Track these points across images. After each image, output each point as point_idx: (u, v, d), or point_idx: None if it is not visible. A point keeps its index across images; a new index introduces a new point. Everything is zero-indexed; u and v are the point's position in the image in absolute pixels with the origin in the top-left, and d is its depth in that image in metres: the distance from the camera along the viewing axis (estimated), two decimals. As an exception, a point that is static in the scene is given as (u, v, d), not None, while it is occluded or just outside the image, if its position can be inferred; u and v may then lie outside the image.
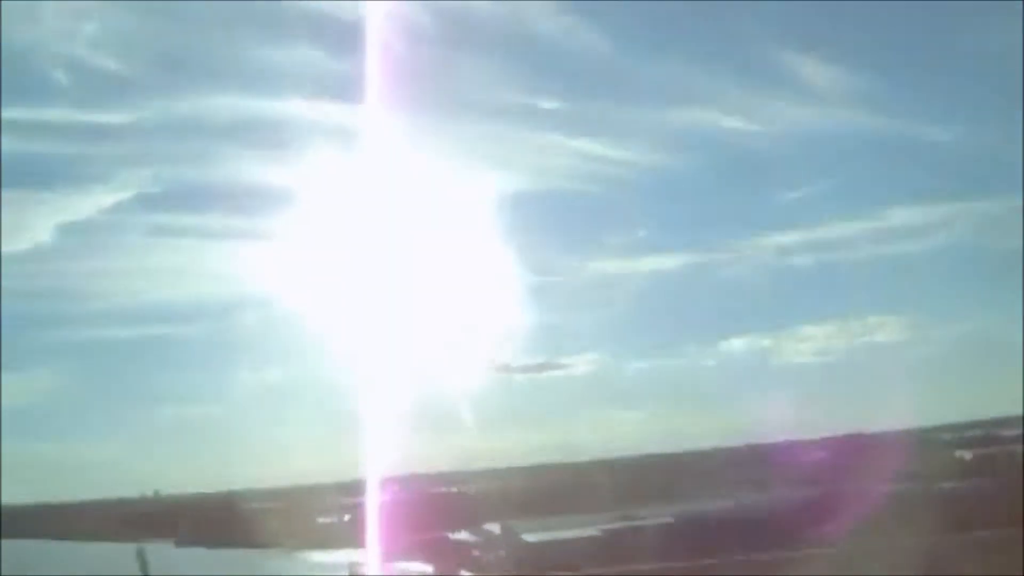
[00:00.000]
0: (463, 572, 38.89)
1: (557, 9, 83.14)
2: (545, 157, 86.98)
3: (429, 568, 39.69)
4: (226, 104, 79.94)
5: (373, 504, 60.26)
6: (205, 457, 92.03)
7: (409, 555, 42.06)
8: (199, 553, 53.43)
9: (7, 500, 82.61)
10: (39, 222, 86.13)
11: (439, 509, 54.48)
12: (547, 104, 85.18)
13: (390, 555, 42.57)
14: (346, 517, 58.58)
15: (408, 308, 57.62)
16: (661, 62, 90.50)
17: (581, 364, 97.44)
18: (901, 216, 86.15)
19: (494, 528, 43.56)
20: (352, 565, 44.39)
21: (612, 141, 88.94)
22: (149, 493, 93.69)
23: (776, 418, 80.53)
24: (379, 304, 51.27)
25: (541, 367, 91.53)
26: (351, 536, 52.27)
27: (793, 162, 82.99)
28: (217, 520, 63.16)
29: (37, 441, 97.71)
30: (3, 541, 74.50)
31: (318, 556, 51.29)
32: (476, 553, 40.74)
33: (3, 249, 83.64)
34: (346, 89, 39.96)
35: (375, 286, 52.54)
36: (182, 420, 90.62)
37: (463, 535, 44.31)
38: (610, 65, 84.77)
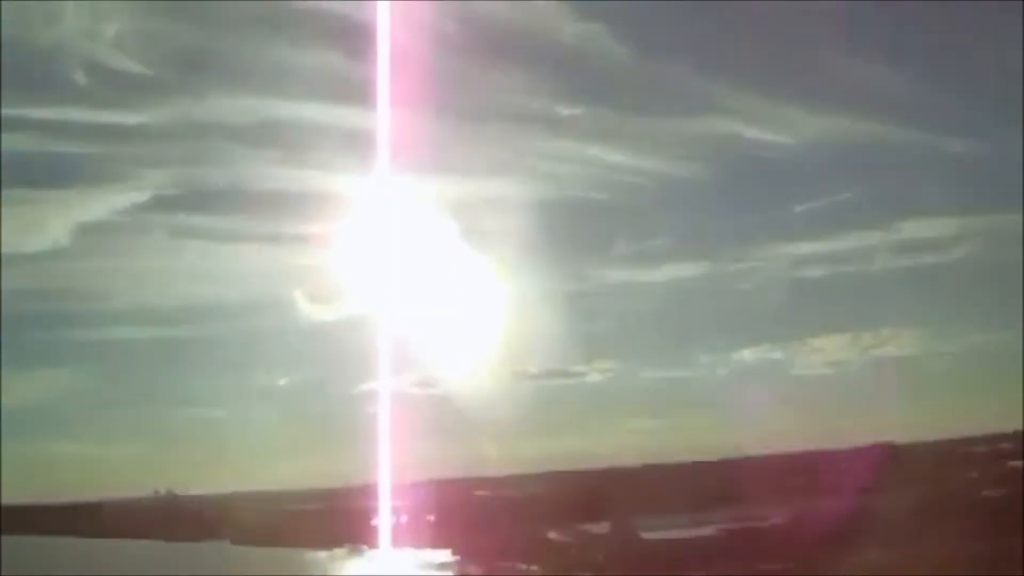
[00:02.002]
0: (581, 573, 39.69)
1: (578, 15, 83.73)
2: (563, 164, 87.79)
3: (535, 568, 40.67)
4: (245, 106, 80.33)
5: (451, 504, 61.78)
6: (221, 458, 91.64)
7: (506, 555, 43.08)
8: (264, 553, 53.83)
9: (23, 499, 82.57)
10: (56, 222, 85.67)
11: (501, 510, 55.81)
12: (566, 111, 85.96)
13: (487, 554, 43.73)
14: (403, 518, 59.59)
15: (423, 314, 59.01)
16: (681, 70, 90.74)
17: (594, 372, 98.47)
18: (917, 228, 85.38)
19: (591, 527, 45.07)
20: (449, 565, 45.54)
21: (630, 149, 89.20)
22: (162, 492, 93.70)
23: (788, 428, 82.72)
24: (395, 309, 52.73)
25: (554, 375, 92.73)
26: (416, 536, 53.60)
27: (810, 172, 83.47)
28: (265, 520, 63.94)
29: (50, 441, 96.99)
30: (21, 537, 74.88)
31: (389, 555, 51.49)
32: (574, 552, 42.06)
33: (20, 249, 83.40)
34: (365, 93, 40.55)
35: (391, 291, 53.99)
36: (198, 421, 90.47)
37: (554, 535, 45.64)
38: (630, 72, 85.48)
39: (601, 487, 61.27)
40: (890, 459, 63.06)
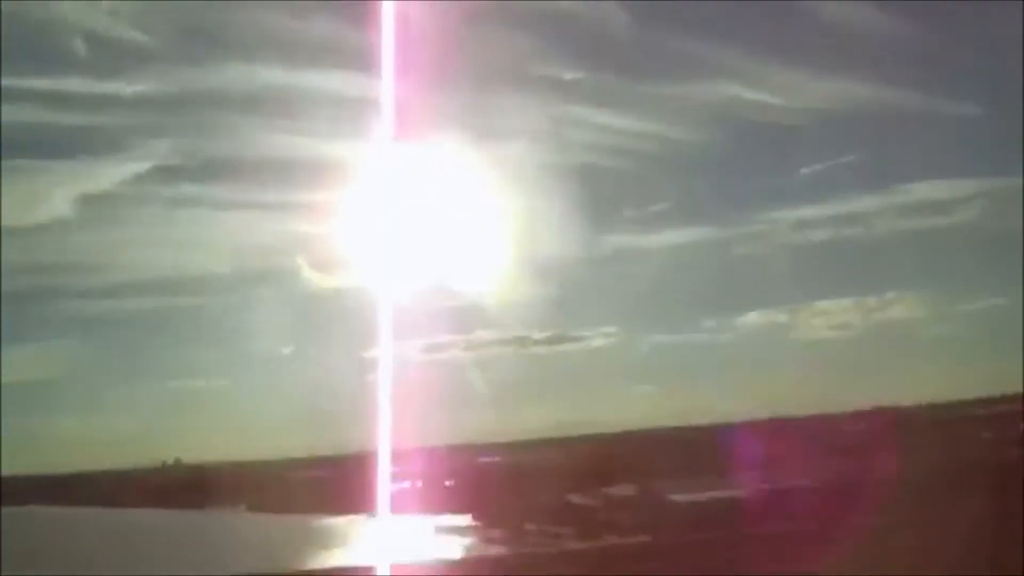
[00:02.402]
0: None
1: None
2: (566, 129, 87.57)
3: (567, 530, 40.72)
4: (245, 75, 79.82)
5: (463, 470, 61.72)
6: (222, 428, 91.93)
7: (530, 519, 43.15)
8: (280, 520, 53.85)
9: (28, 470, 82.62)
10: (58, 193, 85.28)
11: (516, 475, 56.00)
12: (569, 76, 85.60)
13: (509, 519, 43.79)
14: (418, 484, 59.74)
15: (425, 280, 58.90)
16: (684, 35, 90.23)
17: (598, 338, 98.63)
18: (921, 192, 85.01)
19: (615, 491, 45.20)
20: (471, 529, 45.66)
21: (633, 114, 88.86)
22: (170, 462, 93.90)
23: (793, 392, 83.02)
24: (397, 275, 52.49)
25: (558, 340, 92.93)
26: (433, 502, 53.58)
27: (814, 136, 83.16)
28: (278, 488, 64.24)
29: (54, 413, 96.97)
30: (30, 507, 74.92)
31: (409, 521, 51.43)
32: (600, 515, 42.21)
33: (20, 221, 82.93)
34: (366, 60, 40.02)
35: (393, 257, 53.79)
36: (198, 391, 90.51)
37: (578, 499, 45.77)
38: (633, 38, 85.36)
39: (613, 452, 61.64)
40: (899, 422, 63.54)
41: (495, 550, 35.85)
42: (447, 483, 58.49)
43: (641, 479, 46.15)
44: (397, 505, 50.32)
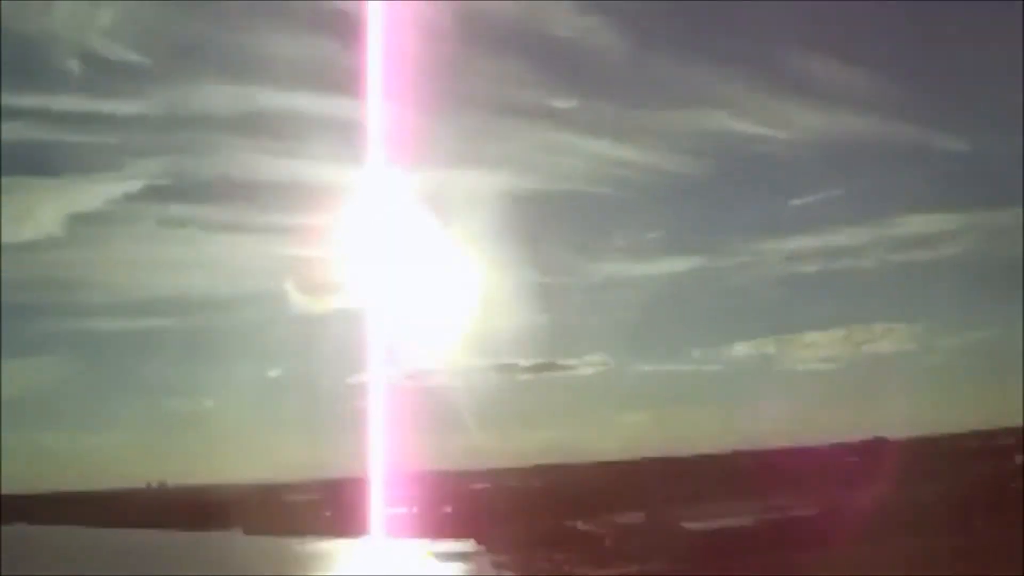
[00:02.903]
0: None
1: (575, 10, 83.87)
2: (557, 157, 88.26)
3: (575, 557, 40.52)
4: (237, 96, 79.95)
5: (458, 496, 61.38)
6: (208, 449, 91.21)
7: (535, 545, 43.04)
8: (280, 543, 53.51)
9: (18, 488, 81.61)
10: (48, 211, 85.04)
11: (514, 502, 55.97)
12: (562, 104, 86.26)
13: (513, 545, 43.69)
14: (413, 509, 59.67)
15: (414, 306, 58.96)
16: (676, 65, 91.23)
17: (586, 366, 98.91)
18: (911, 224, 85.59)
19: (623, 518, 45.28)
20: (475, 554, 45.50)
21: (624, 143, 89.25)
22: (155, 484, 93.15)
23: (780, 423, 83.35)
24: (387, 302, 52.75)
25: (546, 368, 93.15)
26: (431, 527, 53.47)
27: (805, 167, 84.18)
28: (272, 511, 63.92)
29: (40, 430, 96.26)
30: (18, 526, 73.89)
31: (411, 545, 51.30)
32: (608, 543, 42.21)
33: (11, 238, 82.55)
34: (358, 85, 40.46)
35: (383, 284, 54.01)
36: (186, 412, 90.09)
37: (584, 525, 45.78)
38: (626, 67, 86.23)
39: (611, 479, 61.83)
40: (895, 453, 63.71)
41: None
42: (446, 509, 58.43)
43: (646, 507, 46.32)
44: (396, 530, 50.09)
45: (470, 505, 57.48)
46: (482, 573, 38.60)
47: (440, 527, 52.19)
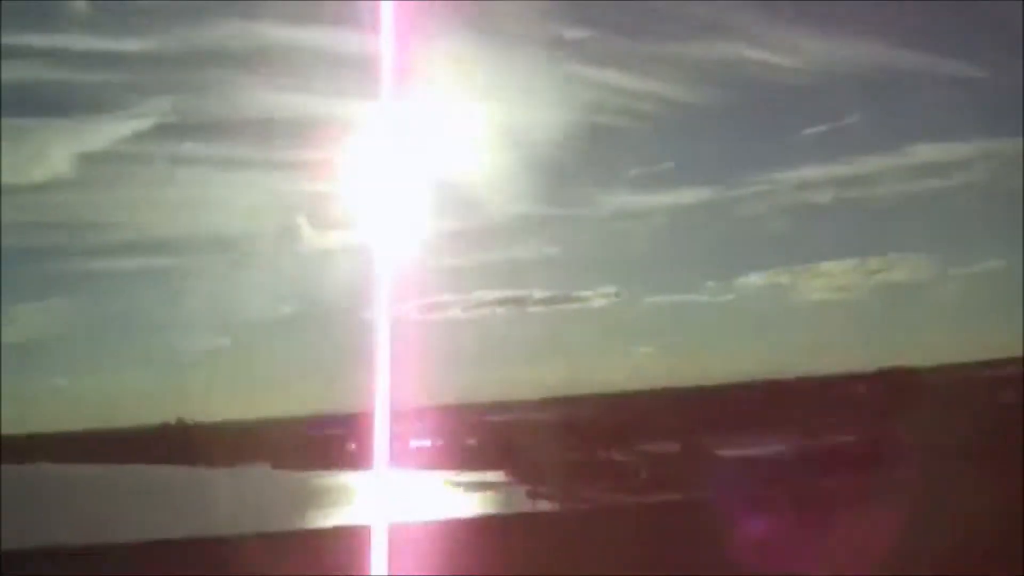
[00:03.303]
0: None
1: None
2: (568, 88, 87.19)
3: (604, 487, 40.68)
4: (247, 32, 78.76)
5: (479, 428, 61.75)
6: (224, 387, 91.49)
7: (571, 476, 43.14)
8: (306, 476, 53.72)
9: (27, 429, 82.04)
10: (56, 152, 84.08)
11: (539, 434, 56.05)
12: (571, 34, 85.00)
13: (544, 476, 43.86)
14: (437, 442, 59.97)
15: (425, 240, 58.73)
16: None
17: (597, 298, 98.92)
18: (925, 153, 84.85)
19: (657, 447, 45.53)
20: (505, 485, 45.70)
21: (634, 73, 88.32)
22: (172, 421, 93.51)
23: (795, 354, 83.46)
24: (396, 236, 52.47)
25: (557, 300, 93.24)
26: (457, 458, 53.74)
27: (816, 96, 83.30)
28: (298, 445, 64.23)
29: (52, 373, 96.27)
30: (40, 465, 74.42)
31: (438, 476, 51.70)
32: (643, 472, 42.44)
33: (20, 179, 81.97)
34: (369, 17, 39.72)
35: (392, 217, 53.66)
36: (203, 351, 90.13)
37: (616, 455, 46.00)
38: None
39: (635, 411, 61.95)
40: (913, 383, 63.97)
41: (544, 506, 35.53)
42: (469, 441, 58.59)
43: (677, 436, 46.49)
44: (421, 462, 50.24)
45: (495, 437, 57.64)
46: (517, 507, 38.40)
47: (465, 459, 52.28)
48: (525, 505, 40.14)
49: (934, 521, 21.77)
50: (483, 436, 59.11)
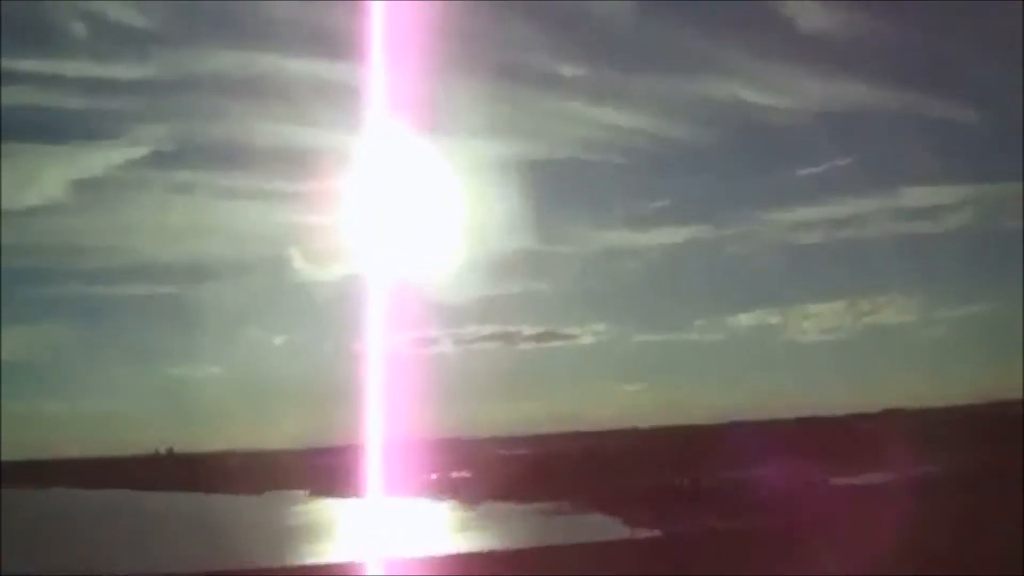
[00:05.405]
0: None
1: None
2: (562, 124, 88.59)
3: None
4: (242, 61, 79.74)
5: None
6: (213, 416, 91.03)
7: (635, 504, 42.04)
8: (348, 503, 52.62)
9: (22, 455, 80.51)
10: (51, 177, 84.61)
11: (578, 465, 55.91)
12: (568, 71, 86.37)
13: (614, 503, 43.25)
14: (463, 473, 61.56)
15: (417, 273, 58.86)
16: (682, 33, 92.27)
17: (587, 335, 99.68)
18: (915, 196, 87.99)
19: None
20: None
21: (630, 111, 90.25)
22: (162, 450, 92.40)
23: (782, 394, 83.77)
24: (389, 267, 52.52)
25: (547, 337, 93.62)
26: (490, 488, 52.89)
27: (810, 138, 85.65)
28: (302, 474, 63.51)
29: (42, 397, 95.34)
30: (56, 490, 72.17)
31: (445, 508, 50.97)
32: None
33: (14, 204, 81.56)
34: (364, 49, 40.49)
35: (386, 249, 53.79)
36: (190, 379, 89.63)
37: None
38: (632, 34, 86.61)
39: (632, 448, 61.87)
40: (912, 424, 64.00)
41: (643, 533, 34.74)
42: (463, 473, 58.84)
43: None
44: (422, 492, 48.88)
45: (506, 469, 57.52)
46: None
47: (524, 490, 51.40)
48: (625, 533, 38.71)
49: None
50: (501, 468, 59.14)
